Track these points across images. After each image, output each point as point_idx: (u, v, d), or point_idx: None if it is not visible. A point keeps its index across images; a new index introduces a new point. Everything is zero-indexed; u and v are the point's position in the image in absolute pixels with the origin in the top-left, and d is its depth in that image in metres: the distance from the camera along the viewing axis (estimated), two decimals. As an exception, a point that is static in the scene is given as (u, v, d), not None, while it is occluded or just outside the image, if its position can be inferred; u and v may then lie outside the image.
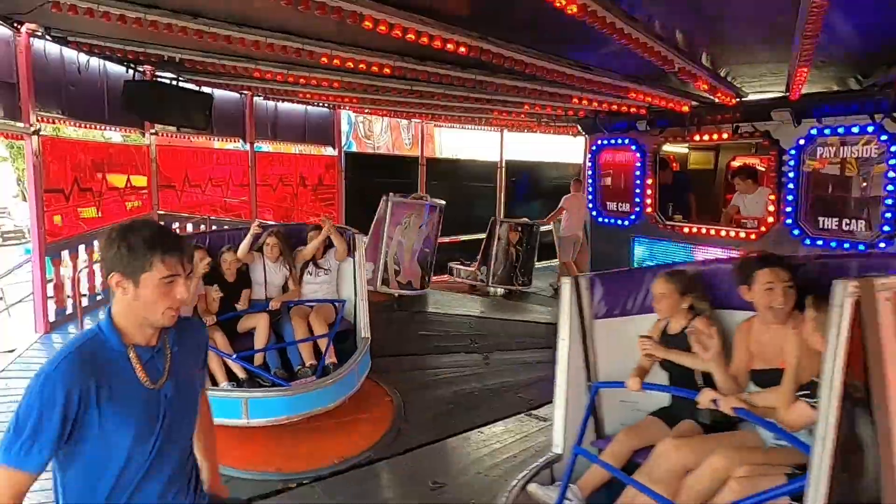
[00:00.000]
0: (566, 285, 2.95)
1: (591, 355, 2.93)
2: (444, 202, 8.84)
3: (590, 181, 7.77)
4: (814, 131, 5.36)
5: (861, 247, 5.09)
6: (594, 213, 7.73)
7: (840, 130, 5.19)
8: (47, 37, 5.85)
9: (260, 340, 4.57)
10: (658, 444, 2.50)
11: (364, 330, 4.89)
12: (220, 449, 2.02)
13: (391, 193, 8.48)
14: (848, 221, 5.21)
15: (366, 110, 10.72)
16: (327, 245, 5.13)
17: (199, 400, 1.80)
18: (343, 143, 11.41)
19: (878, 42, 4.32)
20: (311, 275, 5.09)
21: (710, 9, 3.61)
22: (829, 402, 1.67)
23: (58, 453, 1.51)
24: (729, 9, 3.57)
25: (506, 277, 9.42)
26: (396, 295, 8.29)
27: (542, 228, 10.24)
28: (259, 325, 4.60)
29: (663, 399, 2.84)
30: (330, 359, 4.59)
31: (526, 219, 10.16)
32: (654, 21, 3.74)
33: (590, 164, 7.79)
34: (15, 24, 5.63)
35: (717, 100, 5.76)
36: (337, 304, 4.99)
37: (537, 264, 10.21)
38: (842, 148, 5.25)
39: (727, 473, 2.20)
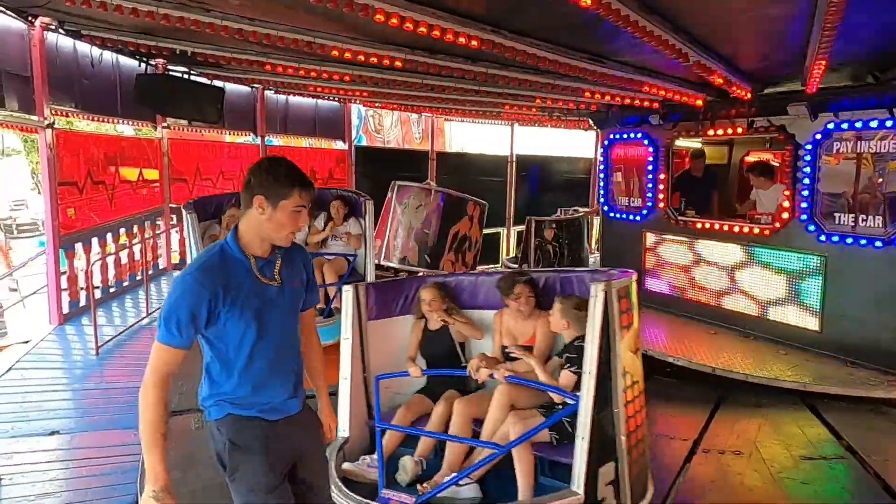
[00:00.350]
0: (348, 292, 3.42)
1: (366, 351, 3.47)
2: (466, 195, 8.86)
3: (601, 176, 7.71)
4: (831, 125, 5.28)
5: (878, 243, 5.01)
6: (605, 207, 7.68)
7: (857, 125, 5.10)
8: (61, 30, 5.88)
9: None
10: (455, 404, 3.25)
11: (370, 277, 5.55)
12: None
13: (397, 181, 8.72)
14: (864, 218, 5.13)
15: (376, 104, 10.69)
16: (347, 214, 5.88)
17: (303, 315, 2.27)
18: (353, 137, 11.41)
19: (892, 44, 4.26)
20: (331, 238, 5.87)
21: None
22: (592, 360, 2.68)
23: (200, 335, 2.00)
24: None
25: None
26: (394, 272, 8.33)
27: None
28: None
29: (420, 382, 3.61)
30: (336, 304, 5.12)
31: (562, 214, 10.14)
32: (669, 14, 3.69)
33: (602, 158, 7.73)
34: (29, 18, 5.67)
35: (732, 93, 5.68)
36: (349, 257, 5.65)
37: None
38: (858, 143, 5.17)
39: (509, 407, 3.08)
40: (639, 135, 7.10)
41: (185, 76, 7.11)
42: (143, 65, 6.75)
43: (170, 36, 5.47)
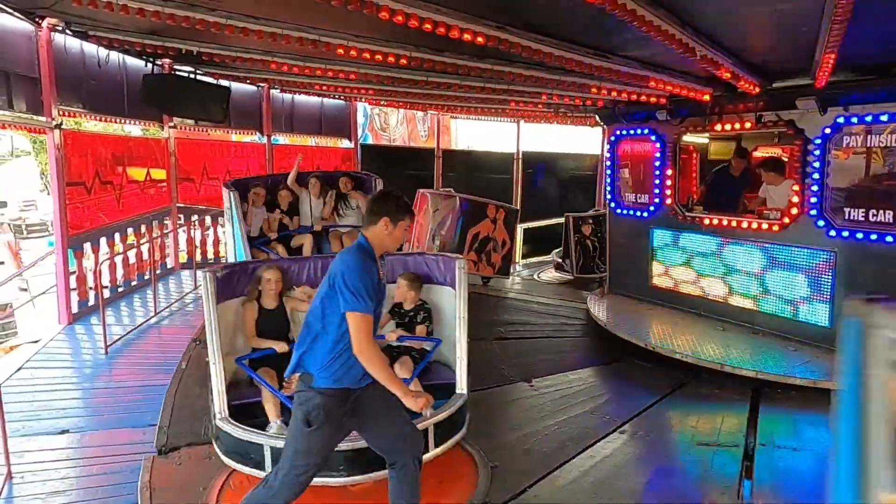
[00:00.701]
0: (206, 277, 3.60)
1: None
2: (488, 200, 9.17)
3: (608, 172, 7.68)
4: (840, 120, 5.22)
5: (889, 237, 4.96)
6: (612, 204, 7.64)
7: (867, 119, 5.05)
8: (68, 31, 5.91)
9: (307, 253, 5.87)
10: None
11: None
12: None
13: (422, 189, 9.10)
14: (875, 212, 5.08)
15: (382, 102, 10.70)
16: (354, 185, 6.48)
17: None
18: (359, 136, 11.41)
19: None
20: (343, 208, 6.38)
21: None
22: (463, 309, 3.82)
23: (337, 314, 2.60)
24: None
25: (587, 267, 9.89)
26: None
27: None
28: (306, 242, 6.01)
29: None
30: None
31: (598, 209, 10.25)
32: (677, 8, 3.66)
33: (608, 154, 7.69)
34: (36, 20, 5.70)
35: (740, 88, 5.64)
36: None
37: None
38: (868, 137, 5.11)
39: None
40: (645, 131, 7.06)
41: (192, 76, 7.14)
42: (150, 65, 6.78)
43: (176, 36, 5.48)
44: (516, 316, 7.57)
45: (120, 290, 7.51)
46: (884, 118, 4.94)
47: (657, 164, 6.93)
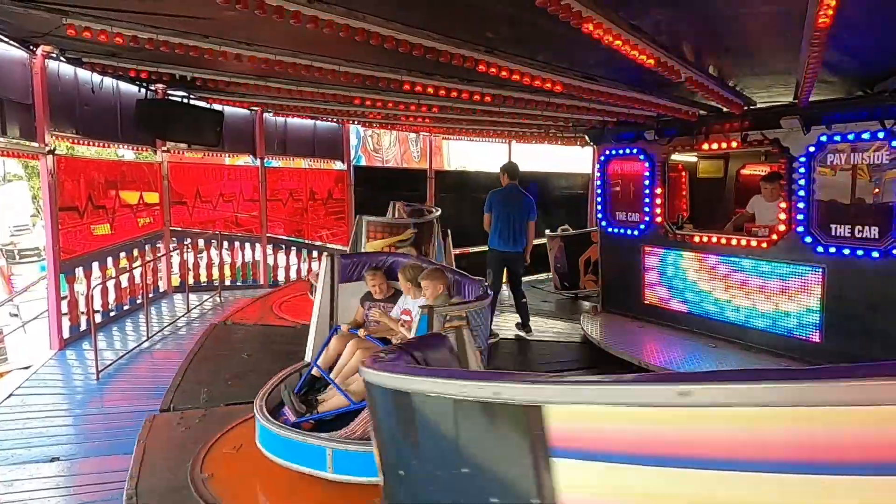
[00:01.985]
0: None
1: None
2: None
3: (598, 191, 7.77)
4: (823, 138, 5.33)
5: (875, 253, 5.03)
6: (604, 223, 7.71)
7: (850, 137, 5.15)
8: (62, 58, 5.97)
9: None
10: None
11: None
12: None
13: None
14: (861, 228, 5.16)
15: (374, 124, 10.80)
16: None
17: None
18: (352, 157, 11.49)
19: (883, 60, 4.33)
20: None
21: (717, 19, 3.63)
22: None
23: None
24: (735, 19, 3.58)
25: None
26: None
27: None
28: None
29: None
30: None
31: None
32: (660, 30, 3.75)
33: (598, 174, 7.79)
34: (31, 47, 5.76)
35: (725, 108, 5.75)
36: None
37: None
38: (852, 154, 5.21)
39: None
40: (634, 150, 7.16)
41: (185, 100, 7.20)
42: (143, 90, 6.84)
43: (169, 61, 5.55)
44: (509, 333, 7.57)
45: (112, 314, 7.48)
46: (865, 136, 5.04)
47: (647, 182, 7.02)
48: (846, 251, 5.23)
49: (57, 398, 5.27)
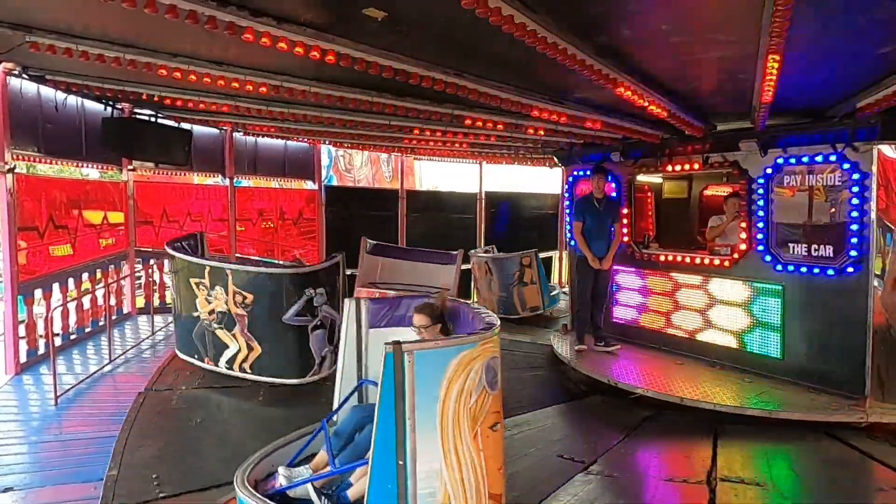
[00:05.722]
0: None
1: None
2: None
3: (567, 211, 7.89)
4: (780, 160, 5.54)
5: (830, 271, 5.22)
6: (573, 242, 7.81)
7: (805, 159, 5.37)
8: (24, 76, 5.86)
9: None
10: None
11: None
12: None
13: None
14: (817, 247, 5.35)
15: (346, 144, 10.82)
16: None
17: None
18: (323, 177, 11.47)
19: (832, 93, 4.57)
20: None
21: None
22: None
23: None
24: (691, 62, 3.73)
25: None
26: None
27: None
28: None
29: None
30: None
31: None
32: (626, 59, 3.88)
33: (567, 194, 7.92)
34: (-8, 64, 5.63)
35: (687, 131, 5.95)
36: None
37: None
38: (808, 176, 5.43)
39: None
40: (602, 171, 7.31)
41: (153, 119, 7.11)
42: (109, 108, 6.74)
43: (136, 80, 5.49)
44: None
45: (73, 337, 7.24)
46: (818, 159, 5.27)
47: (621, 203, 7.16)
48: (804, 269, 5.42)
49: (11, 425, 5.06)
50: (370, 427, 2.86)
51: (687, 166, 6.52)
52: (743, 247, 5.88)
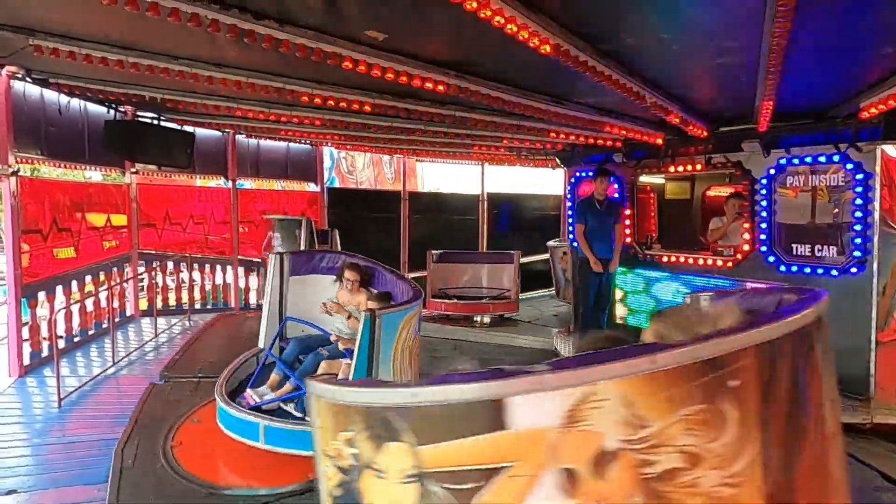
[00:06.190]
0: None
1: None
2: None
3: (570, 212, 7.88)
4: (783, 161, 5.53)
5: (833, 272, 5.21)
6: (574, 244, 7.81)
7: (808, 160, 5.36)
8: (28, 79, 5.87)
9: None
10: None
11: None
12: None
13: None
14: (820, 248, 5.34)
15: (348, 146, 10.83)
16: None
17: None
18: (326, 179, 11.48)
19: (835, 94, 4.57)
20: None
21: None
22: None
23: None
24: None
25: None
26: None
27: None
28: None
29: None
30: None
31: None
32: (626, 60, 3.88)
33: (569, 195, 7.92)
34: (-5, 67, 5.65)
35: (689, 132, 5.94)
36: None
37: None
38: (812, 176, 5.41)
39: None
40: (604, 172, 7.30)
41: (155, 122, 7.13)
42: (112, 111, 6.76)
43: (139, 83, 5.51)
44: (483, 353, 7.58)
45: (76, 339, 7.26)
46: (822, 159, 5.25)
47: (623, 204, 7.16)
48: (807, 270, 5.40)
49: (15, 428, 5.07)
50: (312, 353, 4.64)
51: (689, 167, 6.51)
52: (746, 247, 5.86)
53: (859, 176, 5.02)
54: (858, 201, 5.02)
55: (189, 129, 7.83)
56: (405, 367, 4.21)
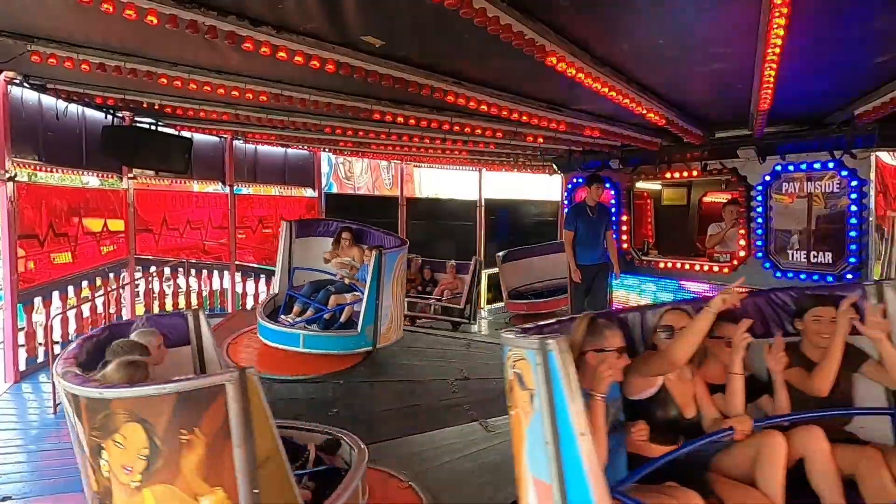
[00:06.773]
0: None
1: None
2: None
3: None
4: (778, 167, 5.56)
5: (829, 278, 5.23)
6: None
7: (803, 167, 5.39)
8: (25, 84, 5.88)
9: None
10: None
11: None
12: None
13: None
14: (815, 254, 5.36)
15: (345, 152, 10.84)
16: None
17: None
18: (323, 185, 11.49)
19: (830, 101, 4.60)
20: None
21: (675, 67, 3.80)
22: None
23: None
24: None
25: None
26: None
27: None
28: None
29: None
30: None
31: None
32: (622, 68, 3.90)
33: (566, 201, 7.94)
34: (-7, 73, 5.65)
35: (685, 138, 5.97)
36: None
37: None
38: (807, 183, 5.45)
39: None
40: (601, 178, 7.33)
41: (153, 127, 7.13)
42: (110, 116, 6.76)
43: (137, 88, 5.52)
44: (479, 358, 7.56)
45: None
46: (816, 166, 5.29)
47: (612, 209, 7.18)
48: (803, 276, 5.42)
49: (10, 434, 5.05)
50: (323, 290, 6.21)
51: (686, 173, 6.54)
52: (742, 253, 5.88)
53: (854, 182, 5.05)
54: (853, 207, 5.05)
55: (187, 134, 7.84)
56: (398, 293, 6.17)
